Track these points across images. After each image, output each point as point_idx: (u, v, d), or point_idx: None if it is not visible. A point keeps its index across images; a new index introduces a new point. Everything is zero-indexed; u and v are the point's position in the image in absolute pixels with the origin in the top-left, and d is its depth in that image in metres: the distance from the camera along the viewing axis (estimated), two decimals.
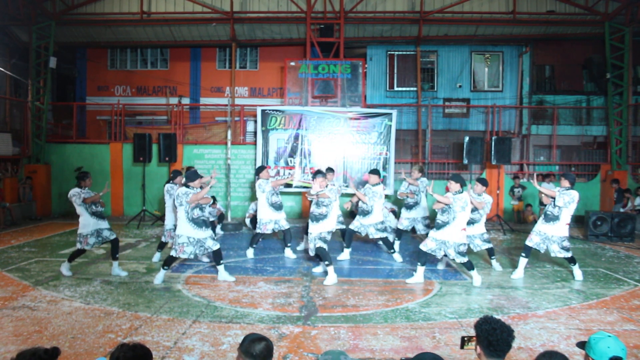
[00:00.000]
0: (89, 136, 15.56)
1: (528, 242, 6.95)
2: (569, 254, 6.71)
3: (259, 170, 8.25)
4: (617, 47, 13.26)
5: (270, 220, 7.96)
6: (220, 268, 6.60)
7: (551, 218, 6.72)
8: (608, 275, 7.12)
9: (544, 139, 14.91)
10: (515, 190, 12.84)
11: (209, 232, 6.44)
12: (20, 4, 12.71)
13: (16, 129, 14.07)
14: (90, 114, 16.28)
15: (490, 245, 7.36)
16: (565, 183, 6.73)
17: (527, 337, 4.61)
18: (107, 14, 13.93)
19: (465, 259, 6.40)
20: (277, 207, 8.02)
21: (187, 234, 6.25)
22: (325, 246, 6.70)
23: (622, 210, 11.35)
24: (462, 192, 6.32)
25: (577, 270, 6.87)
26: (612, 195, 12.43)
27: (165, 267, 6.45)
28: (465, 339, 2.53)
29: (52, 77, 14.22)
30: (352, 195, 12.16)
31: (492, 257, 7.49)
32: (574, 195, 6.59)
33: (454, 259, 6.50)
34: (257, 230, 8.03)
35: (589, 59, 14.79)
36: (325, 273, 6.70)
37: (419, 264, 6.58)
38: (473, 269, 6.53)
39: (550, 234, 6.74)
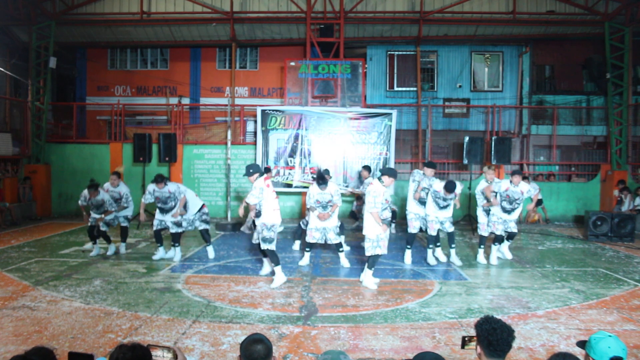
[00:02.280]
0: (89, 136, 15.56)
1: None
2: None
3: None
4: (617, 47, 13.25)
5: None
6: (277, 269, 6.43)
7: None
8: (608, 275, 7.12)
9: (544, 139, 14.91)
10: None
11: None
12: (20, 4, 12.70)
13: (16, 129, 14.07)
14: (90, 114, 16.28)
15: (453, 229, 7.76)
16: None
17: (527, 337, 4.61)
18: (107, 14, 13.93)
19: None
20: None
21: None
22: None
23: (619, 209, 11.38)
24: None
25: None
26: (612, 195, 12.44)
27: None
28: (466, 339, 2.53)
29: (52, 77, 14.21)
30: (354, 196, 12.25)
31: (452, 247, 7.80)
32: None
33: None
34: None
35: (589, 59, 14.79)
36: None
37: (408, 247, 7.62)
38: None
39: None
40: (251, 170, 6.45)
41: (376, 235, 6.24)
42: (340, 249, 7.62)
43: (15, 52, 14.71)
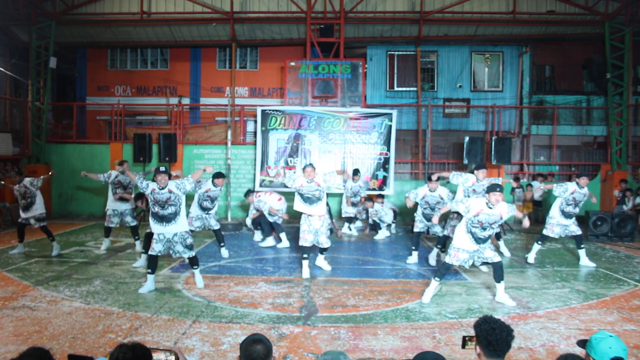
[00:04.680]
0: (89, 136, 15.56)
1: None
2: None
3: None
4: (617, 47, 13.25)
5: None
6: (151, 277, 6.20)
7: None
8: (608, 275, 7.12)
9: (544, 139, 14.90)
10: (517, 190, 12.85)
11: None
12: (20, 4, 12.70)
13: (16, 129, 14.07)
14: (90, 114, 16.28)
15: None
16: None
17: (527, 337, 4.60)
18: (107, 14, 13.93)
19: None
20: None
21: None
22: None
23: (620, 209, 11.39)
24: None
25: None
26: (612, 195, 12.42)
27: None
28: (467, 338, 2.53)
29: (52, 77, 14.21)
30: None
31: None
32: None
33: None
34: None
35: (589, 59, 14.78)
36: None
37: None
38: None
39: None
40: None
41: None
42: (324, 252, 7.29)
43: (16, 52, 14.71)
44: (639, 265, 7.91)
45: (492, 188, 5.52)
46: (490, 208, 5.52)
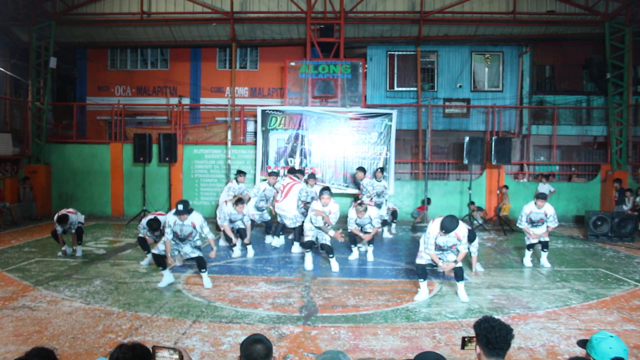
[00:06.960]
0: (89, 136, 15.56)
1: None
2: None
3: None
4: (617, 47, 13.24)
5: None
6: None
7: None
8: (608, 275, 7.12)
9: (544, 139, 14.90)
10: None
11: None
12: (20, 4, 12.70)
13: (16, 129, 14.08)
14: (91, 114, 16.28)
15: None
16: None
17: (527, 337, 4.61)
18: (107, 14, 13.93)
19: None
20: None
21: None
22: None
23: (619, 209, 11.39)
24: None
25: None
26: (612, 195, 12.42)
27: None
28: (466, 339, 2.53)
29: (52, 77, 14.20)
30: (353, 195, 12.30)
31: None
32: None
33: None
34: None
35: (589, 59, 14.78)
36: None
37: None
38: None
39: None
40: None
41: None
42: (331, 255, 7.35)
43: (16, 52, 14.70)
44: (639, 265, 7.91)
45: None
46: (444, 235, 5.85)
